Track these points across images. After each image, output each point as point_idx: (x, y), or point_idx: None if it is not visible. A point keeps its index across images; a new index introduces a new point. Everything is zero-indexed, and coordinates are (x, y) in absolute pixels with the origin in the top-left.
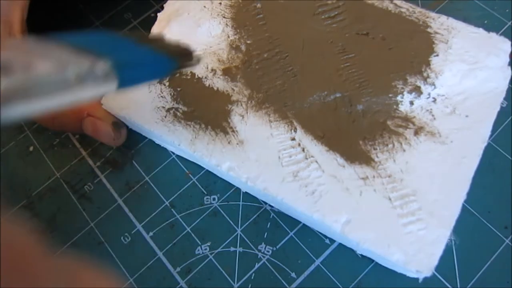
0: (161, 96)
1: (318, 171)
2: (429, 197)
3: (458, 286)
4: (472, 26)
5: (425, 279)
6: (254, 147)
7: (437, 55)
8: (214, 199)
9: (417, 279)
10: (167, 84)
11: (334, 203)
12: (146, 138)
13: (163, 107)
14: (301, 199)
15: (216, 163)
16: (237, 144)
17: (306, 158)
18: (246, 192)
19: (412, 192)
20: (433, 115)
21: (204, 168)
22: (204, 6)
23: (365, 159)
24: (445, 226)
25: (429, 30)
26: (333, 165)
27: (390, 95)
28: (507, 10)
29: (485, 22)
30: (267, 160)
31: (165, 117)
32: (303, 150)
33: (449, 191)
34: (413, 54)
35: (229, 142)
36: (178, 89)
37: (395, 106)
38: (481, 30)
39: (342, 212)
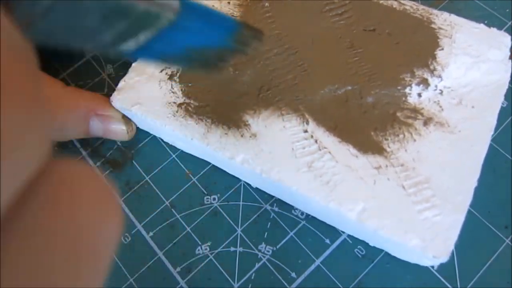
0: (172, 92)
1: (332, 161)
2: (441, 184)
3: (458, 286)
4: (474, 22)
5: (425, 279)
6: (267, 139)
7: (442, 49)
8: (214, 199)
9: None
10: (177, 80)
11: (349, 192)
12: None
13: (175, 103)
14: (316, 188)
15: (229, 156)
16: (250, 137)
17: (320, 149)
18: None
19: (425, 179)
20: (440, 106)
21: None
22: (213, 6)
23: (377, 149)
24: (459, 211)
25: (433, 26)
26: (347, 156)
27: (399, 87)
28: (507, 10)
29: (485, 22)
30: (280, 152)
31: (177, 112)
32: (316, 141)
33: (460, 178)
34: (419, 48)
35: (242, 135)
36: (189, 84)
37: (403, 98)
38: (482, 25)
39: (358, 200)
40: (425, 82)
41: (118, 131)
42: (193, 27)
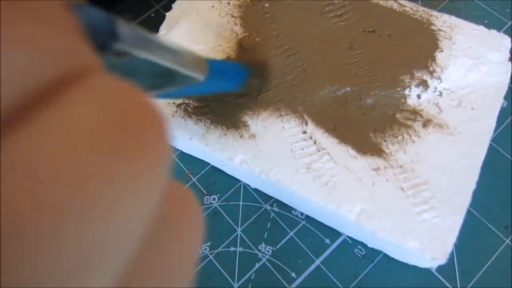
0: None
1: (331, 162)
2: (440, 186)
3: (458, 286)
4: (473, 23)
5: (425, 279)
6: (267, 140)
7: (442, 51)
8: (214, 199)
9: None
10: None
11: (347, 194)
12: None
13: (174, 103)
14: (315, 190)
15: (228, 156)
16: (249, 137)
17: (319, 151)
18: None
19: (424, 181)
20: (440, 108)
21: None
22: (213, 6)
23: (376, 151)
24: (458, 213)
25: (433, 27)
26: (345, 157)
27: (398, 89)
28: (507, 10)
29: (485, 22)
30: (279, 152)
31: (176, 112)
32: (315, 142)
33: (459, 180)
34: (419, 50)
35: (241, 136)
36: None
37: (403, 100)
38: (481, 27)
39: (356, 202)
40: (424, 84)
41: None
42: (213, 84)
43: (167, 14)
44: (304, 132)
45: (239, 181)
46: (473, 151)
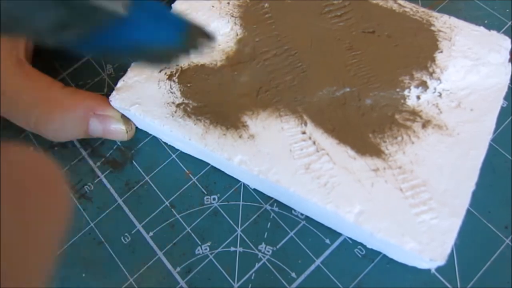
0: (171, 92)
1: (330, 163)
2: (439, 187)
3: (458, 286)
4: (473, 24)
5: (425, 279)
6: (265, 140)
7: (441, 52)
8: (214, 199)
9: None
10: (176, 80)
11: (346, 194)
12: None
13: (173, 103)
14: (313, 190)
15: (227, 156)
16: (248, 138)
17: (318, 151)
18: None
19: (423, 182)
20: (439, 109)
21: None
22: (212, 6)
23: (375, 152)
24: (456, 215)
25: (432, 28)
26: (344, 157)
27: (398, 89)
28: (507, 10)
29: (485, 22)
30: (278, 153)
31: (175, 112)
32: (314, 143)
33: (458, 181)
34: (418, 51)
35: (240, 136)
36: (188, 84)
37: (402, 101)
38: (482, 28)
39: (355, 203)
40: (424, 85)
41: (118, 130)
42: (141, 24)
43: None
44: (303, 133)
45: (239, 181)
46: (472, 152)
